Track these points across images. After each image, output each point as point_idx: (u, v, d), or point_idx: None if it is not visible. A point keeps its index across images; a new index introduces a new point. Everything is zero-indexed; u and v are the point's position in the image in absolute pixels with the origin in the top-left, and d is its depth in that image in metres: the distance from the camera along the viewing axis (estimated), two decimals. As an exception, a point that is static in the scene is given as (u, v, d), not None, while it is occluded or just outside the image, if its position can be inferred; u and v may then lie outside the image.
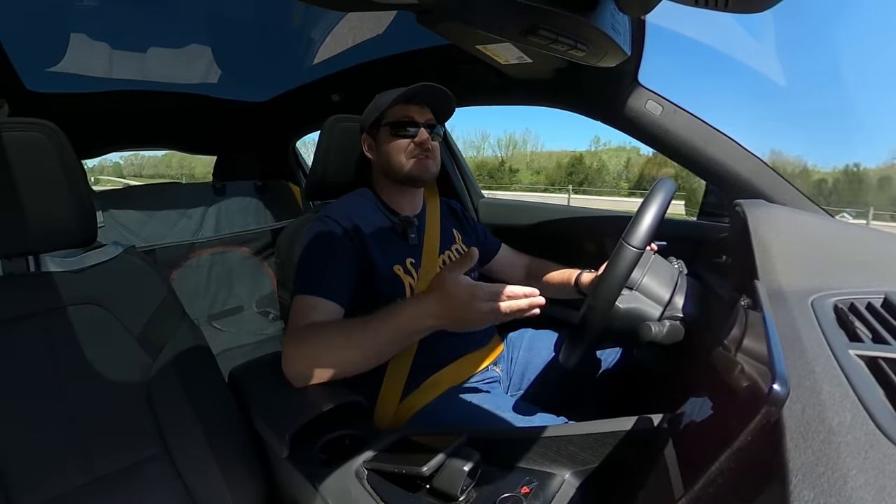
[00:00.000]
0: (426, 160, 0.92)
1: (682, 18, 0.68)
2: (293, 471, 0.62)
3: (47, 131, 0.64)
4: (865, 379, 0.33)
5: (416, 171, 0.91)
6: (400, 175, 0.92)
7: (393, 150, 0.92)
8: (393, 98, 0.90)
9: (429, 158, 0.92)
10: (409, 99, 0.92)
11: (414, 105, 0.93)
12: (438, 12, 0.59)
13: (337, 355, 0.69)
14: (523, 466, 0.61)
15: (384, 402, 0.82)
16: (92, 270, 0.73)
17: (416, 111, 0.93)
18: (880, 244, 0.64)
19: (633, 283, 0.74)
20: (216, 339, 1.69)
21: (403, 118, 0.92)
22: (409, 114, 0.92)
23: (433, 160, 0.94)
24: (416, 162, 0.91)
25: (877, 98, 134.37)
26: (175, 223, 1.84)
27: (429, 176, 0.94)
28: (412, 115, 0.92)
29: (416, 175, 0.92)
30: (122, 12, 1.18)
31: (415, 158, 0.91)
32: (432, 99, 0.94)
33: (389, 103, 0.91)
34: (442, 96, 0.93)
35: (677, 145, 0.93)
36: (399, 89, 0.92)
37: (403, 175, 0.92)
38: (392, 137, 0.92)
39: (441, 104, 0.95)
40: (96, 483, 0.62)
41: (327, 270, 0.80)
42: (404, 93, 0.90)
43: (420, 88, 0.90)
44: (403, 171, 0.92)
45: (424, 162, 0.92)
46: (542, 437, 0.60)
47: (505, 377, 0.98)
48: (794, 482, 0.26)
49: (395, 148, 0.92)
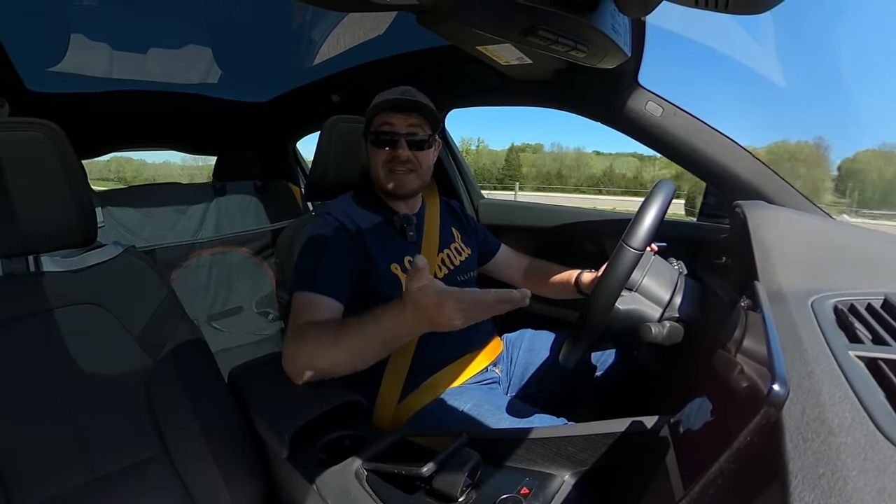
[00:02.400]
0: (403, 175, 0.88)
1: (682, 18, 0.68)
2: (293, 471, 0.62)
3: (48, 131, 0.64)
4: (865, 380, 0.33)
5: (392, 187, 0.89)
6: (379, 186, 0.91)
7: (374, 160, 0.90)
8: (373, 105, 0.88)
9: (408, 173, 0.88)
10: (393, 107, 0.87)
11: (397, 113, 0.87)
12: (438, 13, 0.59)
13: (329, 357, 0.68)
14: (523, 467, 0.61)
15: (383, 403, 0.82)
16: (92, 270, 0.73)
17: (399, 119, 0.87)
18: (880, 245, 0.64)
19: (633, 285, 0.74)
20: (216, 339, 1.69)
21: (382, 127, 0.87)
22: (389, 121, 0.87)
23: (414, 173, 0.89)
24: (391, 176, 0.88)
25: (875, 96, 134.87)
26: (175, 223, 1.84)
27: (403, 192, 0.90)
28: (393, 122, 0.87)
29: (390, 190, 0.90)
30: (123, 12, 1.18)
31: (390, 172, 0.88)
32: (414, 108, 0.88)
33: (373, 111, 0.88)
34: (420, 107, 0.87)
35: (677, 146, 0.93)
36: (393, 90, 0.89)
37: (381, 187, 0.91)
38: (372, 146, 0.90)
39: (427, 113, 0.90)
40: (96, 483, 0.62)
41: (326, 268, 0.80)
42: (379, 103, 0.87)
43: (390, 100, 0.86)
44: (380, 183, 0.90)
45: (401, 178, 0.88)
46: (541, 437, 0.60)
47: (504, 378, 0.98)
48: (794, 483, 0.26)
49: (376, 159, 0.89)
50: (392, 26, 1.20)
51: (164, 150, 2.30)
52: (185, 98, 1.77)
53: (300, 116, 1.98)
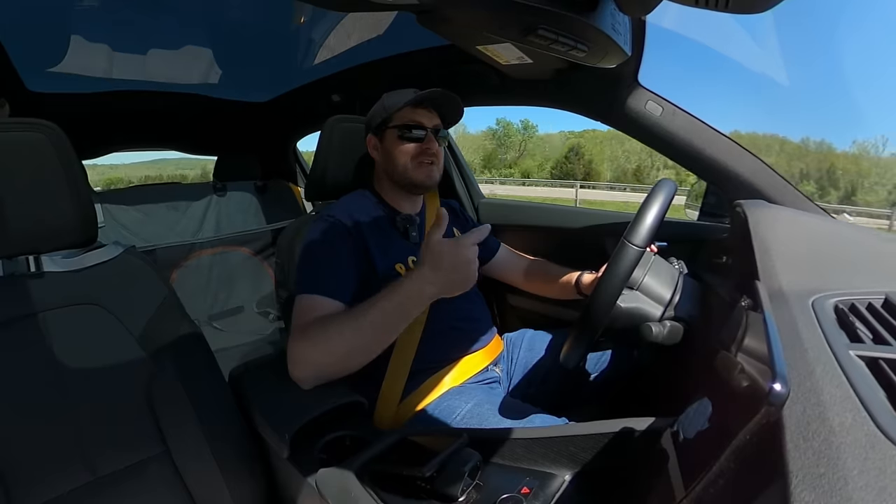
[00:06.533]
0: (430, 167, 0.92)
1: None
2: (293, 471, 0.62)
3: (48, 131, 0.64)
4: (866, 379, 0.33)
5: (420, 178, 0.92)
6: (403, 179, 0.93)
7: (399, 153, 0.92)
8: (404, 101, 0.90)
9: (433, 165, 0.93)
10: (419, 103, 0.92)
11: (423, 109, 0.93)
12: (438, 12, 0.59)
13: (347, 343, 0.68)
14: (523, 467, 0.61)
15: (384, 403, 0.82)
16: (92, 271, 0.73)
17: (425, 115, 0.93)
18: (881, 244, 0.64)
19: (635, 283, 0.74)
20: (216, 339, 1.69)
21: (412, 122, 0.91)
22: (417, 118, 0.92)
23: (437, 166, 0.94)
24: (420, 168, 0.92)
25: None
26: (175, 223, 1.84)
27: (431, 182, 0.94)
28: (421, 119, 0.92)
29: (419, 181, 0.92)
30: (123, 13, 1.18)
31: (420, 164, 0.91)
32: (442, 104, 0.94)
33: (400, 105, 0.91)
34: (452, 102, 0.93)
35: (677, 145, 0.93)
36: (408, 91, 0.91)
37: (407, 180, 0.92)
38: (399, 141, 0.92)
39: (450, 109, 0.95)
40: (96, 483, 0.62)
41: (330, 269, 0.80)
42: (416, 97, 0.90)
43: (431, 94, 0.90)
44: (407, 176, 0.92)
45: (429, 168, 0.92)
46: (542, 437, 0.60)
47: (505, 377, 0.98)
48: (795, 483, 0.26)
49: (401, 151, 0.92)
50: (392, 26, 1.20)
51: (165, 151, 2.30)
52: (186, 98, 1.77)
53: (300, 116, 1.98)
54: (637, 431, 0.55)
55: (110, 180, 18.93)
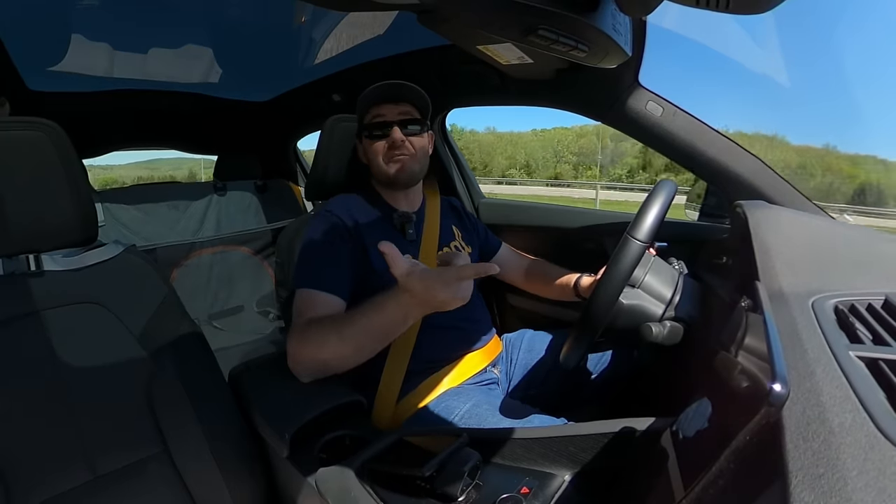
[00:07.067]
0: (403, 159, 0.90)
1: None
2: (293, 471, 0.62)
3: (48, 130, 0.64)
4: (866, 380, 0.33)
5: (395, 173, 0.90)
6: (384, 178, 0.92)
7: (373, 154, 0.91)
8: (366, 101, 0.90)
9: (405, 156, 0.90)
10: (382, 98, 0.90)
11: (387, 103, 0.90)
12: (439, 12, 0.59)
13: (334, 349, 0.69)
14: (523, 467, 0.61)
15: (382, 402, 0.82)
16: (92, 269, 0.73)
17: (389, 109, 0.90)
18: (881, 245, 0.64)
19: (636, 281, 0.74)
20: (216, 339, 1.69)
21: (375, 119, 0.90)
22: (381, 113, 0.90)
23: (412, 157, 0.91)
24: (393, 163, 0.90)
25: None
26: (176, 222, 1.84)
27: (406, 176, 0.91)
28: (385, 113, 0.90)
29: (394, 177, 0.90)
30: (124, 12, 1.18)
31: (391, 159, 0.90)
32: (402, 95, 0.91)
33: (365, 107, 0.90)
34: (404, 89, 0.89)
35: (678, 146, 0.93)
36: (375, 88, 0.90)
37: (385, 178, 0.92)
38: (369, 141, 0.91)
39: (416, 98, 0.92)
40: (96, 482, 0.63)
41: (328, 265, 0.80)
42: (366, 94, 0.89)
43: (379, 87, 0.88)
44: (384, 174, 0.91)
45: (401, 161, 0.90)
46: (541, 437, 0.60)
47: (504, 379, 0.98)
48: (794, 483, 0.26)
49: (374, 151, 0.91)
50: (392, 26, 1.20)
51: (165, 150, 2.30)
52: (186, 97, 1.77)
53: (301, 116, 1.98)
54: (637, 431, 0.55)
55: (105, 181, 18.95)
